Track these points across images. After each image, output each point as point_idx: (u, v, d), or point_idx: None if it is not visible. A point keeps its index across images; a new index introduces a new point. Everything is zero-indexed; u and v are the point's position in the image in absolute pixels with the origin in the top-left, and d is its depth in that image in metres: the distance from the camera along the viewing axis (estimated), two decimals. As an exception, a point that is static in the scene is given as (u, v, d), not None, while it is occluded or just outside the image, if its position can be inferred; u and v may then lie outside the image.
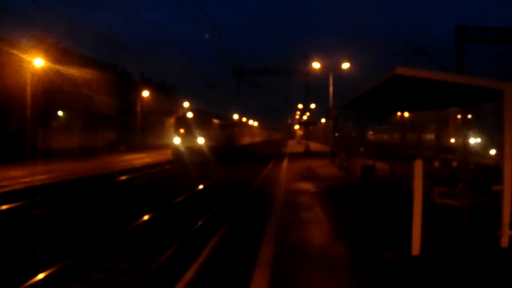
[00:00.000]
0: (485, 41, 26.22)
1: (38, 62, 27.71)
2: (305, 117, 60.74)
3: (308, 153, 37.90)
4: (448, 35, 28.33)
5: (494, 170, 12.78)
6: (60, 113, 38.14)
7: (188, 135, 29.11)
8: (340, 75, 32.09)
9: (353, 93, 10.85)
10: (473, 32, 26.08)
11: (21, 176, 18.70)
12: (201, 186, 18.15)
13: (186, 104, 39.59)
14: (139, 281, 6.69)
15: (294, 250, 6.75)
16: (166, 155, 32.42)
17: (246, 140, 59.83)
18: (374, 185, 13.12)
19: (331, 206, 10.93)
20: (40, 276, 6.60)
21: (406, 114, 14.55)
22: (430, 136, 24.65)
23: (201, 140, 28.65)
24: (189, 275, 5.68)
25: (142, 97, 52.27)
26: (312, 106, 60.47)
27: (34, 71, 28.29)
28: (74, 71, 31.32)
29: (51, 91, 32.88)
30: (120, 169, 24.08)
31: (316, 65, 31.98)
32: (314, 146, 53.28)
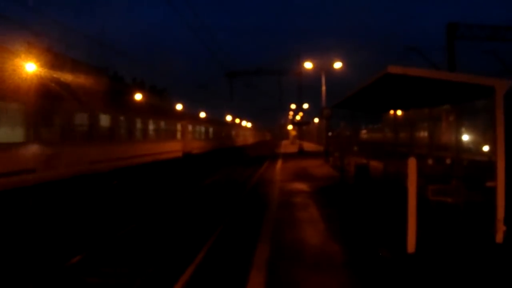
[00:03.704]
0: (476, 39, 26.36)
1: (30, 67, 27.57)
2: (298, 117, 60.77)
3: (301, 153, 37.94)
4: (440, 33, 28.46)
5: (487, 166, 12.83)
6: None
7: None
8: (332, 74, 32.11)
9: (346, 92, 10.85)
10: (464, 30, 26.21)
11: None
12: None
13: (179, 106, 39.35)
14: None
15: (290, 250, 6.74)
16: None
17: (239, 141, 59.25)
18: (369, 183, 13.12)
19: (325, 205, 10.93)
20: None
21: (399, 112, 14.57)
22: (424, 134, 24.73)
23: None
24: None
25: None
26: (305, 106, 60.49)
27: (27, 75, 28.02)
28: (67, 76, 31.04)
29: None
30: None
31: (308, 65, 32.01)
32: (308, 146, 53.36)
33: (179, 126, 27.60)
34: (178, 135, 27.35)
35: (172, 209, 13.49)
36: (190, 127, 30.79)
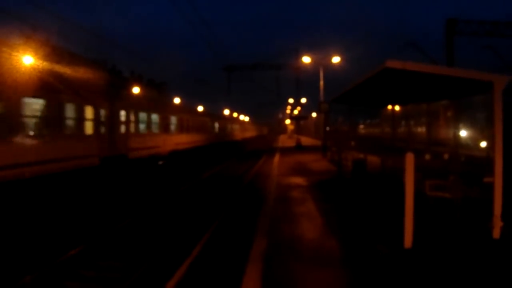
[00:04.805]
0: (475, 34, 26.37)
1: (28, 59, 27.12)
2: (296, 112, 60.67)
3: (299, 148, 37.91)
4: (439, 28, 28.42)
5: (485, 162, 12.83)
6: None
7: None
8: (331, 69, 31.98)
9: (344, 87, 10.81)
10: (463, 25, 26.22)
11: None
12: None
13: (177, 100, 39.05)
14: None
15: (287, 245, 6.72)
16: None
17: (235, 135, 58.75)
18: (366, 178, 13.12)
19: (323, 200, 10.92)
20: None
21: (397, 107, 14.54)
22: (421, 129, 24.74)
23: None
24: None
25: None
26: (303, 100, 60.48)
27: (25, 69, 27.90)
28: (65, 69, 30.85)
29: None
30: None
31: (306, 59, 31.87)
32: (305, 140, 53.35)
33: (90, 113, 16.05)
34: (89, 126, 15.88)
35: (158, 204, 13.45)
36: (133, 116, 19.85)
